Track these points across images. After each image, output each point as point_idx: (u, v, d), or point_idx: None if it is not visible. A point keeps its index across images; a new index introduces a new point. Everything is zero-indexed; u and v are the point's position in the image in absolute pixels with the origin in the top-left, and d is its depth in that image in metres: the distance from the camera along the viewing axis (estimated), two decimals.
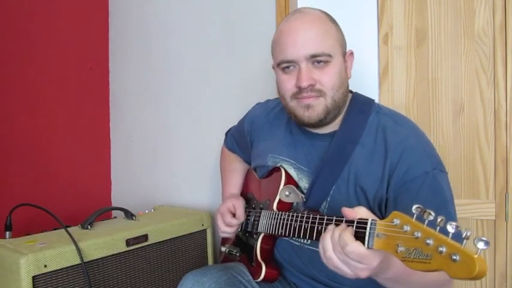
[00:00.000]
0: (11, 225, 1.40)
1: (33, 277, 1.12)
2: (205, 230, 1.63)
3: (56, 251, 1.17)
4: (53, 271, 1.17)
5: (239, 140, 1.33)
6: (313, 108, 0.97)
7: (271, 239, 1.10)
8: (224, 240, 1.31)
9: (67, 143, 2.05)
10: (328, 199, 0.99)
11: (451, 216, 0.60)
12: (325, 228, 0.81)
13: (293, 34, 0.96)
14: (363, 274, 0.71)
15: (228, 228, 1.15)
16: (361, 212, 0.75)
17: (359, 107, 1.03)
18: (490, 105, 1.32)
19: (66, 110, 2.04)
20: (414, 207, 0.63)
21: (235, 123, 1.41)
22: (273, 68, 1.06)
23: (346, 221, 0.75)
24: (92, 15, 2.14)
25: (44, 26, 1.95)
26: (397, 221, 0.64)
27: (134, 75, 2.11)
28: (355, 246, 0.70)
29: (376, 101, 1.10)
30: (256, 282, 1.08)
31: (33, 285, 1.12)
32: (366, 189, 0.96)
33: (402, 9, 1.42)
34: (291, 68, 0.98)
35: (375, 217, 0.73)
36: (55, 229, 1.40)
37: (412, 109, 1.41)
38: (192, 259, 1.58)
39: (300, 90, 0.96)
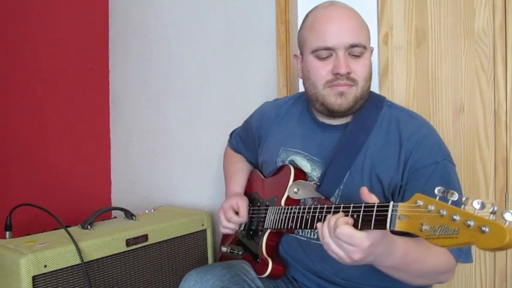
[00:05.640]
0: (11, 225, 1.40)
1: (33, 277, 1.12)
2: (205, 230, 1.63)
3: (56, 251, 1.17)
4: (53, 271, 1.16)
5: (245, 139, 1.33)
6: (346, 96, 1.00)
7: (276, 236, 1.11)
8: (224, 240, 1.31)
9: (67, 143, 2.04)
10: (341, 187, 1.01)
11: None
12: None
13: (334, 22, 0.99)
14: (356, 256, 0.75)
15: (229, 224, 1.16)
16: (374, 198, 0.78)
17: (372, 100, 1.07)
18: (490, 105, 1.32)
19: (66, 110, 2.04)
20: (437, 189, 0.66)
21: (235, 123, 1.41)
22: (295, 56, 1.10)
23: (366, 207, 0.77)
24: (92, 15, 2.14)
25: (44, 26, 1.95)
26: (420, 202, 0.67)
27: (134, 75, 2.11)
28: (345, 228, 0.74)
29: None
30: (260, 279, 1.08)
31: (33, 285, 1.12)
32: (382, 177, 0.99)
33: (402, 9, 1.42)
34: (327, 55, 0.99)
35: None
36: (55, 229, 1.40)
37: (412, 109, 1.40)
38: (192, 259, 1.58)
39: (335, 77, 0.99)
